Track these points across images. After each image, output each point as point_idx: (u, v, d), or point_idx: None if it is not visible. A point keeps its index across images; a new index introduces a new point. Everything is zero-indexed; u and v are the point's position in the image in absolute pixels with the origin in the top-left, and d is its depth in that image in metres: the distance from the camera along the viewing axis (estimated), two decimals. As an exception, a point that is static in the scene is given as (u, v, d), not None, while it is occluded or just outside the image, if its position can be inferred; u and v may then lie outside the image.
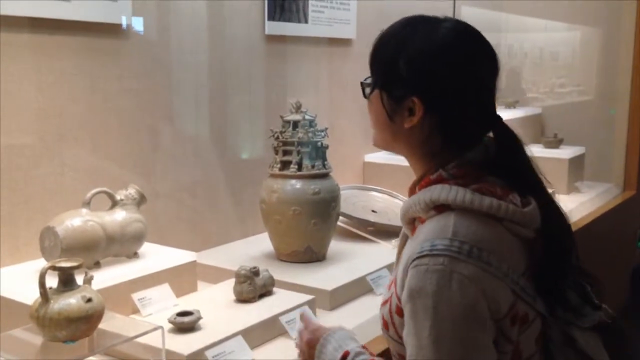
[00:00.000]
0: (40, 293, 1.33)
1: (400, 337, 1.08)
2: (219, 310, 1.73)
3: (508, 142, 1.13)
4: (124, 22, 1.99)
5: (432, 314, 0.98)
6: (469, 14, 3.51)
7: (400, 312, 1.07)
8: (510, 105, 4.13)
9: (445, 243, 1.01)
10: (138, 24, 2.04)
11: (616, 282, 3.82)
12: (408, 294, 1.01)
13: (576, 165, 3.62)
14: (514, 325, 1.03)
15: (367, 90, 1.19)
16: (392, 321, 1.11)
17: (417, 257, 1.02)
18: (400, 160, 3.32)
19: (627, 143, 3.98)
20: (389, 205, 2.71)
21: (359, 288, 1.99)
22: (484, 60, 1.12)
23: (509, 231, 1.06)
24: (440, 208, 1.07)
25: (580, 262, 1.17)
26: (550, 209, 1.13)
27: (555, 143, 3.65)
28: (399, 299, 1.08)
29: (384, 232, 2.45)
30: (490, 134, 1.15)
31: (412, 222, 1.17)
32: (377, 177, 2.99)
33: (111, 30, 1.97)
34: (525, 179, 1.13)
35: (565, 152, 3.58)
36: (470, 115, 1.11)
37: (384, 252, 2.29)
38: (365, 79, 1.19)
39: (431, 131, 1.11)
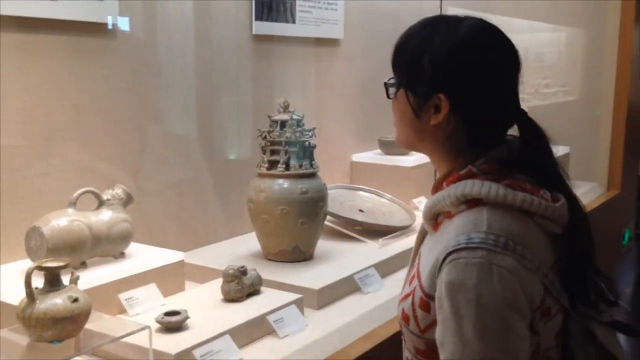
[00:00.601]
0: (26, 293, 1.33)
1: (422, 331, 1.10)
2: (207, 309, 1.73)
3: (534, 135, 1.15)
4: (110, 21, 1.98)
5: (475, 306, 0.99)
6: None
7: (424, 306, 1.09)
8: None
9: (482, 236, 1.02)
10: (125, 23, 2.04)
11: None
12: (447, 289, 1.01)
13: (561, 165, 3.64)
14: (542, 319, 1.05)
15: (392, 90, 1.19)
16: (414, 314, 1.11)
17: (454, 251, 1.03)
18: (388, 160, 3.33)
19: (611, 143, 4.03)
20: (376, 204, 2.72)
21: (346, 287, 2.00)
22: (506, 54, 1.15)
23: (539, 226, 1.09)
24: (471, 202, 1.09)
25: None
26: (575, 205, 1.15)
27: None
28: (424, 293, 1.09)
29: (372, 231, 2.45)
30: (514, 132, 1.17)
31: (435, 218, 1.18)
32: (364, 176, 3.00)
33: (98, 29, 1.96)
34: (551, 175, 1.16)
35: (551, 152, 3.59)
36: (496, 109, 1.13)
37: (371, 251, 2.30)
38: (388, 80, 1.20)
39: (457, 127, 1.13)
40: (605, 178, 4.06)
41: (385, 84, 1.21)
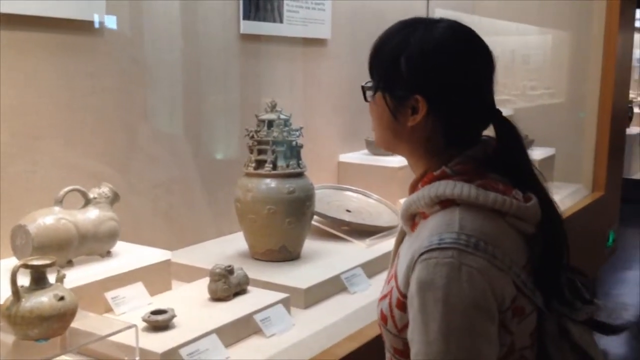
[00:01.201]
0: (12, 291, 1.32)
1: (399, 331, 1.10)
2: (194, 308, 1.73)
3: (509, 135, 1.17)
4: (97, 19, 1.97)
5: (442, 306, 1.00)
6: (442, 16, 3.53)
7: (400, 306, 1.09)
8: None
9: (453, 237, 1.03)
10: (112, 21, 2.03)
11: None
12: (417, 287, 1.03)
13: (546, 166, 3.68)
14: (514, 318, 1.06)
15: (369, 93, 1.20)
16: (391, 314, 1.12)
17: (426, 251, 1.04)
18: (375, 161, 3.34)
19: (596, 145, 4.06)
20: (363, 205, 2.73)
21: (333, 287, 2.01)
22: (480, 55, 1.16)
23: (511, 226, 1.10)
24: (444, 203, 1.10)
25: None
26: (548, 204, 1.17)
27: (527, 144, 3.71)
28: (400, 293, 1.10)
29: (358, 231, 2.46)
30: (489, 133, 1.19)
31: (412, 218, 1.19)
32: (351, 176, 3.01)
33: (85, 27, 1.95)
34: (525, 175, 1.17)
35: (536, 153, 3.64)
36: (472, 109, 1.15)
37: (358, 251, 2.30)
38: (365, 83, 1.21)
39: (434, 128, 1.14)
40: (590, 180, 4.09)
41: (363, 87, 1.22)
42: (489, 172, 1.14)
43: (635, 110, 8.39)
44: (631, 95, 5.97)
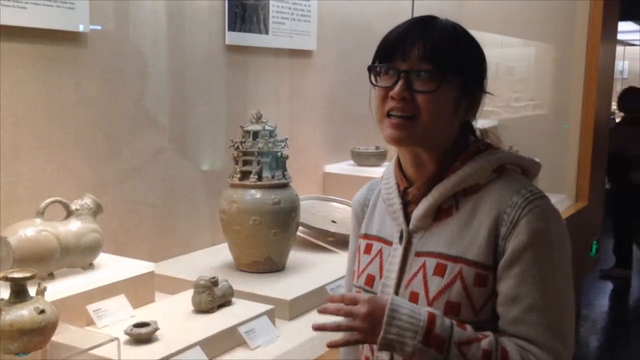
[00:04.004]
0: (-8, 304, 1.30)
1: (477, 313, 1.12)
2: (177, 320, 1.71)
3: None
4: (81, 29, 1.96)
5: (562, 248, 1.13)
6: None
7: (482, 281, 1.12)
8: (468, 118, 4.21)
9: (536, 189, 1.15)
10: (96, 32, 2.02)
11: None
12: (531, 239, 1.09)
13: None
14: None
15: (430, 83, 1.12)
16: (468, 297, 1.12)
17: (526, 204, 1.11)
18: (360, 171, 3.34)
19: (579, 156, 4.10)
20: (348, 215, 2.72)
21: (318, 298, 1.99)
22: None
23: None
24: (498, 170, 1.18)
25: None
26: None
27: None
28: (480, 267, 1.12)
29: (344, 242, 2.45)
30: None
31: (438, 209, 1.18)
32: (336, 187, 3.01)
33: (68, 38, 1.94)
34: None
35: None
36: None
37: (343, 262, 2.29)
38: (428, 70, 1.13)
39: (469, 116, 1.22)
40: (574, 190, 4.13)
41: (429, 71, 1.12)
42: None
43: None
44: (613, 107, 6.04)
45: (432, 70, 1.12)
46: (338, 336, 1.20)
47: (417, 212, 1.20)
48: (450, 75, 1.13)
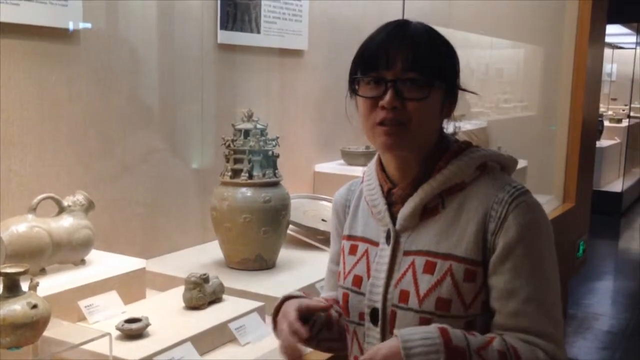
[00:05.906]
0: (-16, 299, 1.31)
1: (467, 307, 1.13)
2: (168, 317, 1.72)
3: None
4: (72, 26, 1.97)
5: (548, 238, 1.17)
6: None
7: (471, 277, 1.14)
8: (457, 119, 4.24)
9: (519, 184, 1.19)
10: (88, 29, 2.03)
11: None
12: (521, 232, 1.13)
13: (519, 177, 3.67)
14: None
15: (421, 90, 1.14)
16: (458, 293, 1.13)
17: (512, 199, 1.15)
18: (350, 171, 3.35)
19: (567, 157, 4.14)
20: (338, 214, 2.74)
21: (308, 295, 2.01)
22: None
23: None
24: (481, 167, 1.21)
25: None
26: None
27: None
28: (469, 262, 1.14)
29: (334, 240, 2.47)
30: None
31: (424, 209, 1.20)
32: (327, 186, 3.02)
33: (60, 34, 1.95)
34: None
35: (509, 165, 3.68)
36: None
37: (333, 260, 2.31)
38: (414, 79, 1.14)
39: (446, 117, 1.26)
40: (561, 191, 4.16)
41: (415, 80, 1.14)
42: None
43: (606, 123, 8.59)
44: (601, 109, 6.10)
45: (419, 78, 1.14)
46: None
47: (404, 211, 1.21)
48: (437, 82, 1.16)
